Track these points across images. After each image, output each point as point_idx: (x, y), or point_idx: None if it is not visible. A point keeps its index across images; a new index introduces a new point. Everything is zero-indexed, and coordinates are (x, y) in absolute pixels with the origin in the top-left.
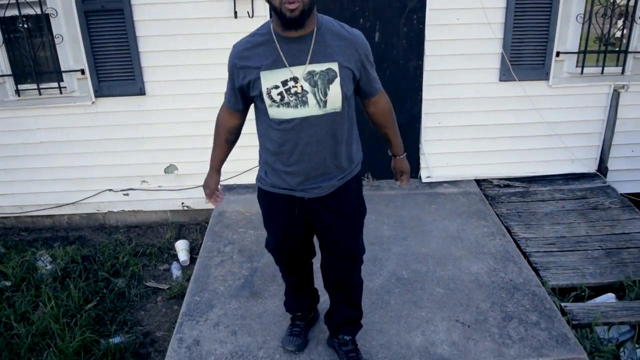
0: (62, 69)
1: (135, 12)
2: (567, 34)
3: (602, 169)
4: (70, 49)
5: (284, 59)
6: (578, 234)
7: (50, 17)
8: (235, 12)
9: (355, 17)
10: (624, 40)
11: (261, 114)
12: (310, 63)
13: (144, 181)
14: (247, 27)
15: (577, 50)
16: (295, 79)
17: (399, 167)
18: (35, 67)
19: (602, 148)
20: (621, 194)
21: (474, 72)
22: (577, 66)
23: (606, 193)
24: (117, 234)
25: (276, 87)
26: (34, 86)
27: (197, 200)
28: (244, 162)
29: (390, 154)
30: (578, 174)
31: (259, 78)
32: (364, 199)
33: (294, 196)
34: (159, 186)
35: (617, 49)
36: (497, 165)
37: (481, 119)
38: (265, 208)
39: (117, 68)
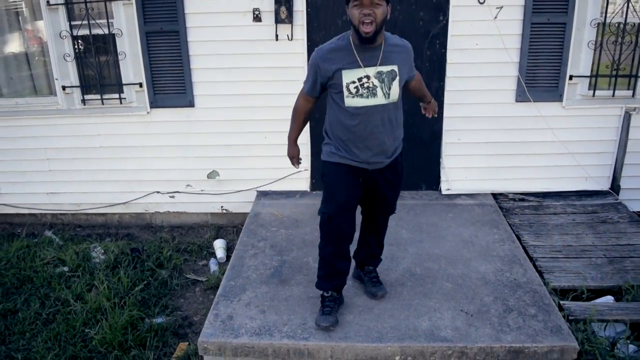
0: (123, 82)
1: (190, 34)
2: (580, 58)
3: (615, 187)
4: (131, 65)
5: (359, 61)
6: (584, 244)
7: (116, 37)
8: (277, 35)
9: None
10: (635, 66)
11: (335, 103)
12: (379, 65)
13: (188, 185)
14: (287, 49)
15: (589, 74)
16: (368, 77)
17: (432, 106)
18: (100, 79)
19: (615, 167)
20: (632, 211)
21: (492, 93)
22: (589, 89)
23: (616, 209)
24: (162, 233)
25: (353, 82)
26: (98, 96)
27: (235, 204)
28: (278, 171)
29: (423, 103)
30: (591, 191)
31: (340, 75)
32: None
33: (359, 167)
34: (202, 190)
35: (628, 73)
36: (513, 180)
37: (498, 137)
38: (332, 176)
39: (170, 82)
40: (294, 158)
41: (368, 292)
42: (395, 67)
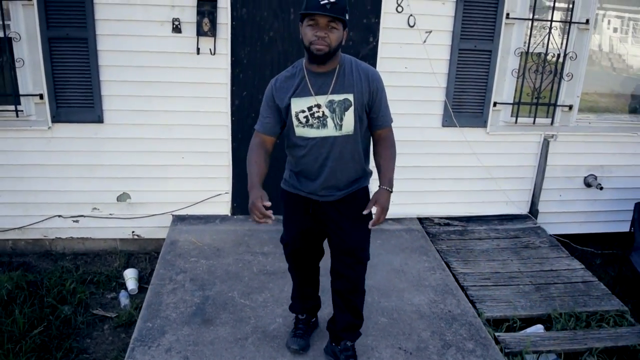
0: (21, 92)
1: (100, 42)
2: (504, 86)
3: (534, 211)
4: (31, 74)
5: (310, 89)
6: (511, 270)
7: (13, 41)
8: (198, 49)
9: None
10: (554, 94)
11: (290, 131)
12: (331, 93)
13: (95, 208)
14: (209, 63)
15: (512, 102)
16: (318, 106)
17: (377, 197)
18: None
19: (534, 192)
20: (550, 235)
21: (419, 117)
22: (512, 116)
23: (537, 233)
24: (64, 261)
25: (303, 111)
26: None
27: (148, 229)
28: (197, 194)
29: (379, 185)
30: (512, 215)
31: (289, 103)
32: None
33: (310, 199)
34: (110, 214)
35: (547, 102)
36: (439, 204)
37: (425, 161)
38: (286, 205)
39: (76, 95)
40: (258, 202)
41: None
42: (349, 96)
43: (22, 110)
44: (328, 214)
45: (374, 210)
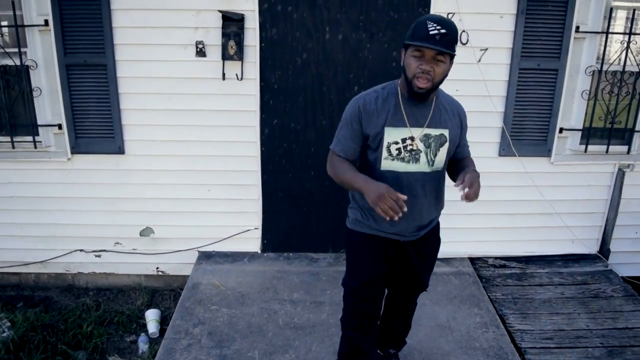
0: (39, 122)
1: (120, 69)
2: (572, 110)
3: (604, 250)
4: (49, 103)
5: (406, 119)
6: (578, 327)
7: (30, 69)
8: (224, 74)
9: (350, 84)
10: (631, 118)
11: (370, 162)
12: (427, 127)
13: (117, 243)
14: (236, 89)
15: (581, 127)
16: (412, 138)
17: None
18: (11, 119)
19: (605, 229)
20: (623, 278)
21: (473, 146)
22: (581, 143)
23: (608, 278)
24: (86, 297)
25: (396, 142)
26: (8, 139)
27: (173, 265)
28: (224, 229)
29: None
30: (578, 255)
31: (382, 132)
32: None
33: (389, 239)
34: (134, 249)
35: (623, 127)
36: (494, 243)
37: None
38: (357, 248)
39: (96, 125)
40: (390, 190)
41: None
42: (445, 132)
43: (40, 141)
44: (407, 253)
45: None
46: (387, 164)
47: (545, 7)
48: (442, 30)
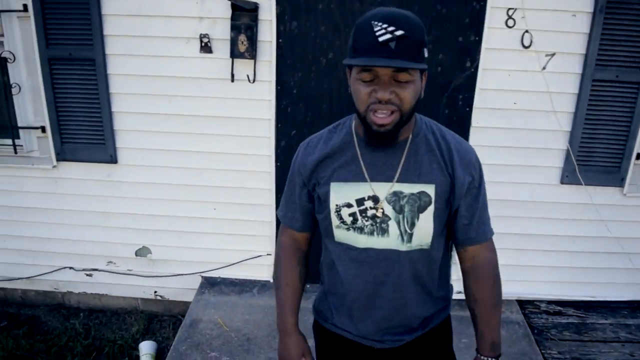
0: (19, 124)
1: (111, 64)
2: None
3: None
4: (30, 102)
5: (364, 170)
6: None
7: (8, 62)
8: (233, 75)
9: None
10: None
11: (325, 233)
12: (398, 181)
13: (110, 262)
14: (247, 93)
15: None
16: (375, 199)
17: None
18: None
19: None
20: None
21: (530, 170)
22: None
23: None
24: (76, 320)
25: (349, 204)
26: None
27: (173, 290)
28: (231, 253)
29: (477, 353)
30: None
31: (328, 190)
32: (453, 351)
33: (360, 344)
34: (129, 270)
35: None
36: (548, 283)
37: (533, 228)
38: (320, 346)
39: (84, 129)
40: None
41: None
42: (428, 188)
43: (21, 145)
44: None
45: None
46: (340, 234)
47: (630, 5)
48: (398, 32)
